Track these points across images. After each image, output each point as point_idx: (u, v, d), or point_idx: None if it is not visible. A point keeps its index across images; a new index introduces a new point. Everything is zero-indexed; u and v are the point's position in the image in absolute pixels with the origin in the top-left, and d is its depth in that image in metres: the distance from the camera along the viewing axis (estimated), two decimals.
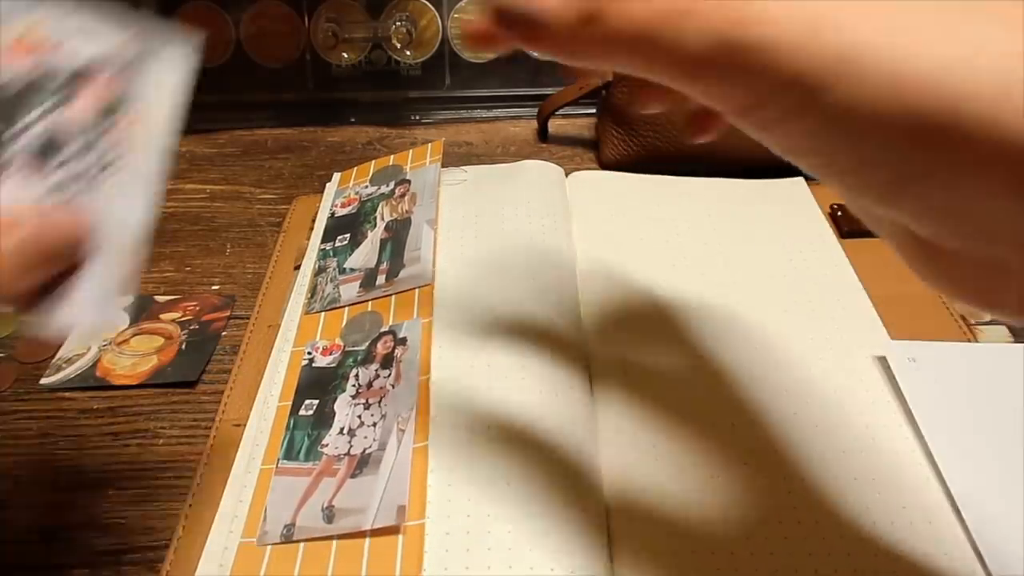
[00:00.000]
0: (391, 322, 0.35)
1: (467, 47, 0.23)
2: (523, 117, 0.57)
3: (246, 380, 0.35)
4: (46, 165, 0.19)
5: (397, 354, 0.33)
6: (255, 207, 0.49)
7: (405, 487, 0.27)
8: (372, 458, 0.29)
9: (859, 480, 0.30)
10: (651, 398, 0.33)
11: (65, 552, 0.29)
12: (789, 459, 0.31)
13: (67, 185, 0.19)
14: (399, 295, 0.36)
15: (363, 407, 0.31)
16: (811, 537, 0.28)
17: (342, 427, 0.31)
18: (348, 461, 0.29)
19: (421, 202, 0.41)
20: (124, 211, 0.19)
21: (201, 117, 0.57)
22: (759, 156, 0.33)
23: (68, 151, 0.19)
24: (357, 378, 0.32)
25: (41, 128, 0.19)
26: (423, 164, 0.44)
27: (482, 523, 0.27)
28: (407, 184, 0.43)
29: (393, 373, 0.32)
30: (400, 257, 0.38)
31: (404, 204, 0.42)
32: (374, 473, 0.28)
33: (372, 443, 0.29)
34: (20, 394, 0.36)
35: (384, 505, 0.27)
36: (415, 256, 0.38)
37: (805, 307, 0.37)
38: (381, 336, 0.34)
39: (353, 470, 0.29)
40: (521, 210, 0.42)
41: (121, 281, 0.19)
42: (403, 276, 0.37)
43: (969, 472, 0.30)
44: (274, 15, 0.56)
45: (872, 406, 0.33)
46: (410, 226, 0.40)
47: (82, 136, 0.19)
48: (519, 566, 0.26)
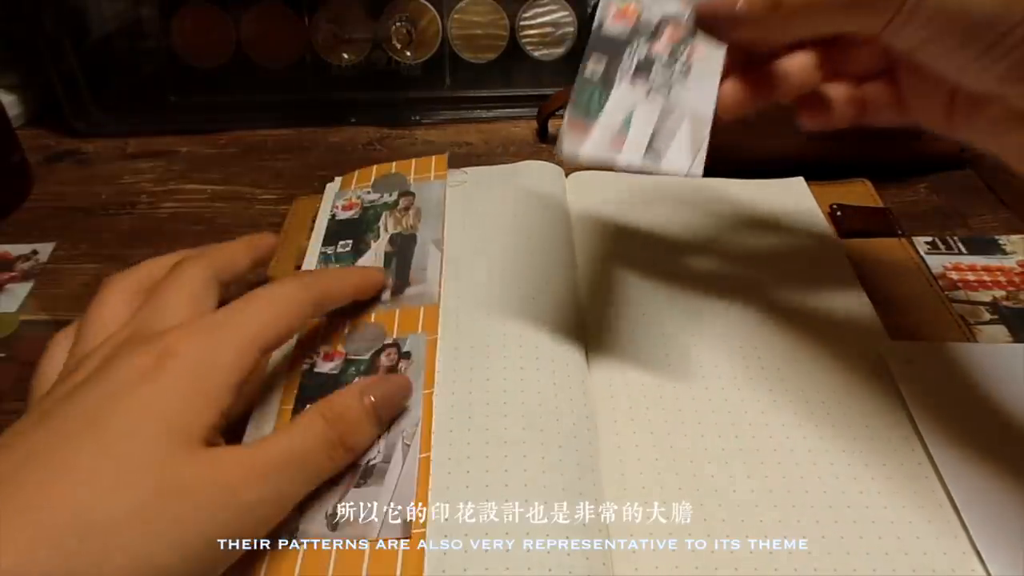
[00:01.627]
0: (395, 335, 0.35)
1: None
2: (523, 117, 0.57)
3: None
4: (648, 74, 0.30)
5: (401, 367, 0.33)
6: (255, 207, 0.49)
7: (411, 501, 0.27)
8: (377, 470, 0.29)
9: (858, 480, 0.30)
10: (652, 400, 0.33)
11: None
12: (788, 459, 0.31)
13: (660, 84, 0.30)
14: (403, 308, 0.36)
15: None
16: (809, 537, 0.28)
17: None
18: (352, 471, 0.29)
19: (426, 220, 0.41)
20: (698, 99, 0.29)
21: (201, 117, 0.58)
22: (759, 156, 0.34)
23: (657, 66, 0.30)
24: None
25: (641, 55, 0.31)
26: (427, 178, 0.44)
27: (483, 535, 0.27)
28: (411, 197, 0.43)
29: None
30: (406, 275, 0.38)
31: (409, 218, 0.41)
32: (379, 484, 0.28)
33: (376, 455, 0.29)
34: (20, 394, 0.36)
35: (390, 517, 0.27)
36: (421, 276, 0.38)
37: (804, 307, 0.37)
38: (384, 348, 0.34)
39: (357, 480, 0.28)
40: (520, 211, 0.42)
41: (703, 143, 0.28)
42: (409, 294, 0.37)
43: (969, 472, 0.30)
44: (274, 16, 0.56)
45: (871, 406, 0.33)
46: (415, 244, 0.40)
47: (667, 57, 0.31)
48: (516, 567, 0.26)
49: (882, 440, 0.31)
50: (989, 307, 0.39)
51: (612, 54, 0.31)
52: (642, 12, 0.32)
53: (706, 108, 0.29)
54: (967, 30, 0.22)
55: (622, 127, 0.29)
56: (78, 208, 0.49)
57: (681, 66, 0.30)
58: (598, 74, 0.31)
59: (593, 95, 0.30)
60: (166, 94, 0.58)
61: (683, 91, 0.30)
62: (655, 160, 0.28)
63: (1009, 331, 0.38)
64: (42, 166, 0.53)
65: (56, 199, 0.50)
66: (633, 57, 0.31)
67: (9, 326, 0.40)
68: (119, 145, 0.56)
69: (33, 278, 0.43)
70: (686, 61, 0.30)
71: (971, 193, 0.48)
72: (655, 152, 0.28)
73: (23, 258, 0.45)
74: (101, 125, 0.56)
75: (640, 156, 0.29)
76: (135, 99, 0.59)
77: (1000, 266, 0.42)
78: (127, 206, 0.49)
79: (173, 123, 0.57)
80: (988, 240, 0.44)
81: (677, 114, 0.29)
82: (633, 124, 0.29)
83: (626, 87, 0.30)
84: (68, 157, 0.54)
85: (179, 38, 0.56)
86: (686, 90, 0.30)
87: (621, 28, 0.31)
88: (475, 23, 0.57)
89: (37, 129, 0.57)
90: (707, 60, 0.30)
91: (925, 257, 0.42)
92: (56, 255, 0.45)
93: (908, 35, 0.23)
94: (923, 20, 0.23)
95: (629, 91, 0.30)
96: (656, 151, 0.28)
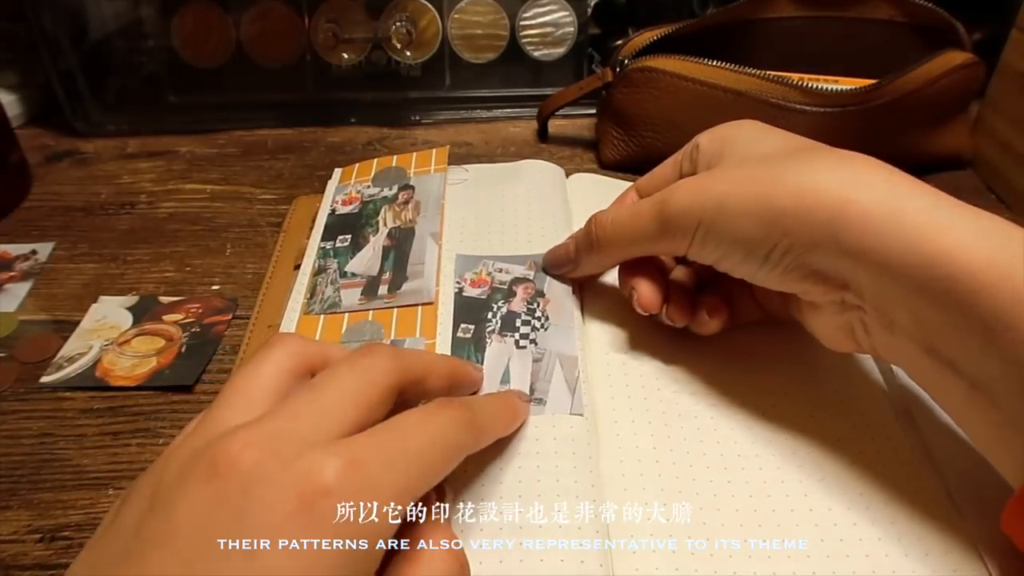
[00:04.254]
0: (392, 336, 0.35)
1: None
2: (523, 117, 0.57)
3: None
4: (509, 332, 0.35)
5: None
6: (255, 207, 0.49)
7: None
8: None
9: (858, 480, 0.30)
10: (652, 401, 0.33)
11: (65, 552, 0.29)
12: (788, 460, 0.31)
13: (524, 338, 0.34)
14: (401, 309, 0.36)
15: None
16: (809, 538, 0.28)
17: None
18: None
19: (425, 213, 0.41)
20: (562, 343, 0.34)
21: (201, 117, 0.58)
22: None
23: (518, 322, 0.35)
24: None
25: (502, 313, 0.36)
26: (427, 171, 0.44)
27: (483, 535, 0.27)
28: (411, 191, 0.43)
29: None
30: (403, 269, 0.38)
31: (408, 212, 0.41)
32: None
33: None
34: (20, 394, 0.36)
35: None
36: (418, 270, 0.38)
37: None
38: None
39: None
40: (521, 210, 0.42)
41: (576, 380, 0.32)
42: (405, 289, 0.37)
43: (969, 472, 0.29)
44: (274, 16, 0.56)
45: (871, 407, 0.33)
46: (413, 237, 0.40)
47: (524, 313, 0.36)
48: (516, 567, 0.26)
49: (882, 440, 0.31)
50: None
51: (476, 318, 0.36)
52: (493, 277, 0.38)
53: (571, 349, 0.34)
54: (743, 250, 0.29)
55: (502, 382, 0.32)
56: (77, 208, 0.49)
57: (540, 317, 0.35)
58: (469, 334, 0.35)
59: (469, 357, 0.34)
60: (166, 94, 0.58)
61: (547, 338, 0.34)
62: (539, 406, 0.31)
63: None
64: (41, 166, 0.53)
65: (55, 199, 0.50)
66: (496, 317, 0.35)
67: (8, 326, 0.40)
68: (118, 145, 0.55)
69: (32, 278, 0.43)
70: (543, 312, 0.35)
71: (971, 193, 0.48)
72: (539, 401, 0.32)
73: (22, 258, 0.45)
74: (100, 125, 0.56)
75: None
76: (135, 99, 0.59)
77: None
78: (127, 206, 0.49)
79: (173, 123, 0.57)
80: None
81: (547, 359, 0.33)
82: (512, 379, 0.33)
83: (497, 345, 0.34)
84: (67, 157, 0.54)
85: (179, 38, 0.56)
86: (550, 337, 0.34)
87: (479, 293, 0.37)
88: (475, 23, 0.57)
89: (36, 129, 0.57)
90: (561, 308, 0.36)
91: None
92: (55, 255, 0.45)
93: (707, 254, 0.30)
94: (712, 244, 0.29)
95: (500, 347, 0.34)
96: (539, 400, 0.32)
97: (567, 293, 0.36)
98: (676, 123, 0.47)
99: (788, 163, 0.28)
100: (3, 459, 0.33)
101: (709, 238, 0.29)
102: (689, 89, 0.46)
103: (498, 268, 0.38)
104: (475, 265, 0.39)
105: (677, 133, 0.47)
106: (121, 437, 0.34)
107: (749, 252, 0.28)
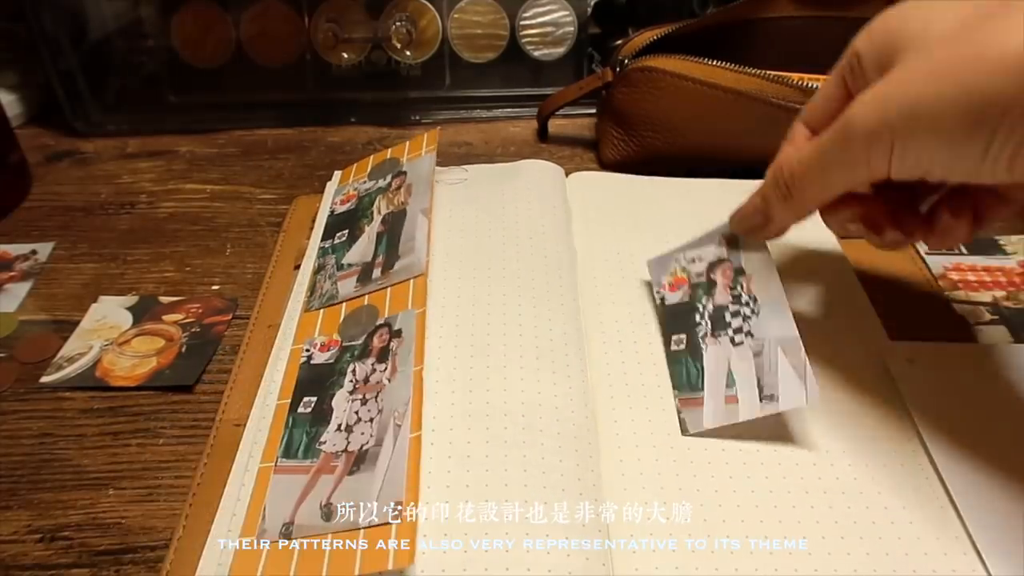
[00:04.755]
0: (386, 314, 0.35)
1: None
2: (523, 117, 0.57)
3: (246, 380, 0.35)
4: (722, 330, 0.33)
5: (393, 346, 0.33)
6: (255, 207, 0.49)
7: (401, 483, 0.27)
8: (369, 455, 0.29)
9: (858, 480, 0.30)
10: (652, 400, 0.33)
11: (65, 552, 0.29)
12: (788, 459, 0.31)
13: (739, 332, 0.32)
14: (394, 287, 0.36)
15: (360, 402, 0.31)
16: (809, 537, 0.28)
17: (340, 423, 0.31)
18: (346, 458, 0.29)
19: (416, 192, 0.41)
20: (778, 326, 0.31)
21: (201, 117, 0.58)
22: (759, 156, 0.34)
23: (727, 315, 0.33)
24: (354, 373, 0.32)
25: (710, 311, 0.34)
26: (419, 155, 0.44)
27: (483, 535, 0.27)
28: (403, 176, 0.43)
29: (389, 366, 0.32)
30: (395, 249, 0.38)
31: (400, 196, 0.41)
32: (371, 470, 0.28)
33: (369, 439, 0.29)
34: (20, 394, 0.36)
35: (381, 501, 0.27)
36: (409, 247, 0.38)
37: (805, 307, 0.37)
38: (377, 329, 0.34)
39: (351, 467, 0.29)
40: (521, 209, 0.42)
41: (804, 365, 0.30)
42: (398, 268, 0.37)
43: (969, 472, 0.30)
44: (274, 15, 0.56)
45: (871, 406, 0.33)
46: (405, 217, 0.40)
47: (731, 303, 0.33)
48: (516, 567, 0.26)
49: (882, 440, 0.31)
50: (990, 307, 0.39)
51: (686, 325, 0.34)
52: (689, 273, 0.35)
53: (789, 331, 0.31)
54: (954, 151, 0.24)
55: (728, 386, 0.31)
56: (77, 208, 0.49)
57: (747, 302, 0.33)
58: (683, 344, 0.33)
59: (688, 368, 0.33)
60: (166, 94, 0.58)
61: (761, 325, 0.32)
62: (773, 405, 0.30)
63: (1009, 331, 0.38)
64: (41, 166, 0.53)
65: (55, 199, 0.50)
66: (704, 318, 0.34)
67: (8, 326, 0.40)
68: (118, 145, 0.55)
69: (32, 278, 0.43)
70: (749, 294, 0.33)
71: None
72: (769, 398, 0.30)
73: (22, 258, 0.45)
74: (100, 125, 0.56)
75: (758, 407, 0.30)
76: (135, 99, 0.59)
77: (1000, 266, 0.42)
78: (126, 206, 0.49)
79: (173, 123, 0.57)
80: (989, 241, 0.44)
81: (768, 349, 0.31)
82: (737, 381, 0.31)
83: (712, 348, 0.32)
84: (67, 156, 0.54)
85: (179, 38, 0.56)
86: (763, 323, 0.32)
87: (680, 295, 0.35)
88: (475, 23, 0.57)
89: (36, 128, 0.57)
90: (767, 287, 0.33)
91: (926, 258, 0.42)
92: (55, 255, 0.45)
93: (912, 168, 0.26)
94: (914, 156, 0.25)
95: (717, 350, 0.32)
96: (770, 396, 0.30)
97: (765, 262, 0.33)
98: (676, 123, 0.47)
99: (978, 35, 0.24)
100: (3, 459, 0.33)
101: (910, 151, 0.25)
102: (689, 89, 0.46)
103: (690, 259, 0.36)
104: (668, 265, 0.37)
105: (677, 133, 0.47)
106: (121, 437, 0.34)
107: (962, 152, 0.24)
